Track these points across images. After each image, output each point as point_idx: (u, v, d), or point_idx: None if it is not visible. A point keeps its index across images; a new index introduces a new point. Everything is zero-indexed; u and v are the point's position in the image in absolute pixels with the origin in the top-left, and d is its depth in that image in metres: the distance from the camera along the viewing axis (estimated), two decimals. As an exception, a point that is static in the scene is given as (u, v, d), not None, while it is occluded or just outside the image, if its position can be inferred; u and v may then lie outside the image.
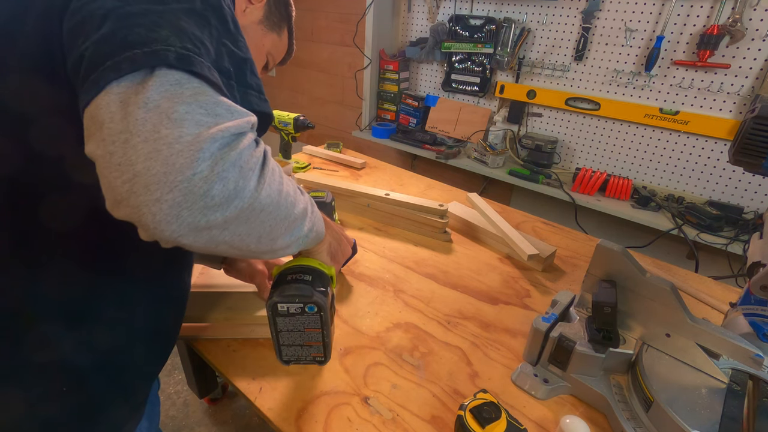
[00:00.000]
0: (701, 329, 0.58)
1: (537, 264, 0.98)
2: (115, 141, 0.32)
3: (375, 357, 0.71)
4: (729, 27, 1.33)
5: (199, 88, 0.35)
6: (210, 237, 0.36)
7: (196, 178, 0.32)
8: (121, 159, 0.32)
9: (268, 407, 0.61)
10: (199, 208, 0.33)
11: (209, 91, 0.36)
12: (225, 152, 0.34)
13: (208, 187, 0.33)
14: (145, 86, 0.33)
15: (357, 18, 2.19)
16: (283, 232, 0.43)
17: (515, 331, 0.79)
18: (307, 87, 2.74)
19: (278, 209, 0.41)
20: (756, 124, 0.58)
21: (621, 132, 1.70)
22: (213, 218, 0.34)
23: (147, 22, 0.35)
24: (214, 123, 0.34)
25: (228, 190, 0.34)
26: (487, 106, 2.04)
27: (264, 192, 0.38)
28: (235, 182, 0.35)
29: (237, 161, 0.35)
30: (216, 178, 0.33)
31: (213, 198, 0.34)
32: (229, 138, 0.35)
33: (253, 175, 0.37)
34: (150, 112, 0.32)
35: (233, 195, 0.35)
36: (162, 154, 0.32)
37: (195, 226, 0.34)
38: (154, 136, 0.32)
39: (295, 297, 0.51)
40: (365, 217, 1.16)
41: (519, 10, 1.79)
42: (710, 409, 0.55)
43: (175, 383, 1.62)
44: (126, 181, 0.32)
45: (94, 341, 0.47)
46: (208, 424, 1.48)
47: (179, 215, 0.33)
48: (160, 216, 0.32)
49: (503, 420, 0.54)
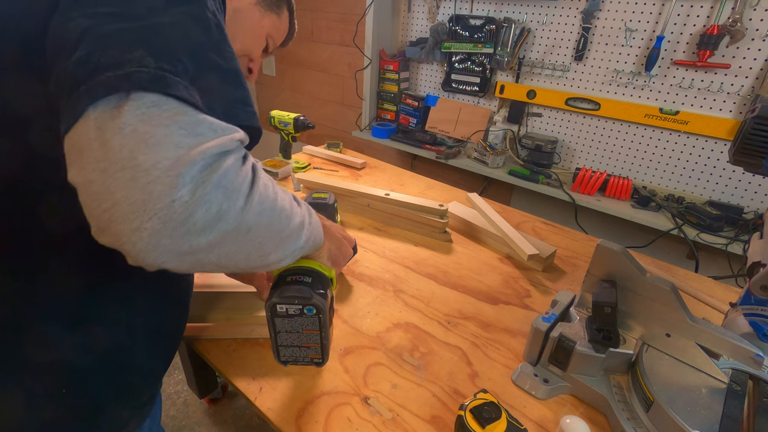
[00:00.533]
0: (701, 329, 0.58)
1: (537, 264, 0.98)
2: (94, 169, 0.31)
3: (375, 357, 0.71)
4: (729, 27, 1.33)
5: (177, 109, 0.34)
6: (195, 260, 0.35)
7: (176, 205, 0.32)
8: (100, 187, 0.31)
9: (268, 407, 0.61)
10: (180, 234, 0.33)
11: (189, 111, 0.34)
12: (207, 174, 0.33)
13: (189, 213, 0.32)
14: (120, 111, 0.32)
15: (357, 18, 2.19)
16: (275, 248, 0.43)
17: (515, 331, 0.79)
18: (307, 87, 2.74)
19: (269, 226, 0.40)
20: (756, 124, 0.58)
21: (621, 132, 1.70)
22: (196, 243, 0.34)
23: (121, 42, 0.34)
24: (196, 144, 0.33)
25: (211, 214, 0.33)
26: (487, 106, 2.04)
27: (253, 211, 0.37)
28: (219, 205, 0.34)
29: (221, 182, 0.34)
30: (198, 203, 0.32)
31: (195, 224, 0.33)
32: (211, 159, 0.34)
33: (239, 195, 0.36)
34: (126, 137, 0.31)
35: (217, 218, 0.34)
36: (140, 181, 0.31)
37: (178, 252, 0.33)
38: (131, 163, 0.31)
39: (294, 298, 0.51)
40: (365, 217, 1.16)
41: (519, 10, 1.79)
42: (710, 409, 0.55)
43: (175, 383, 1.62)
44: (106, 209, 0.31)
45: (95, 342, 0.47)
46: (208, 424, 1.48)
47: (159, 243, 0.32)
48: (141, 245, 0.32)
49: (503, 420, 0.54)
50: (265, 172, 0.43)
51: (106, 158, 0.31)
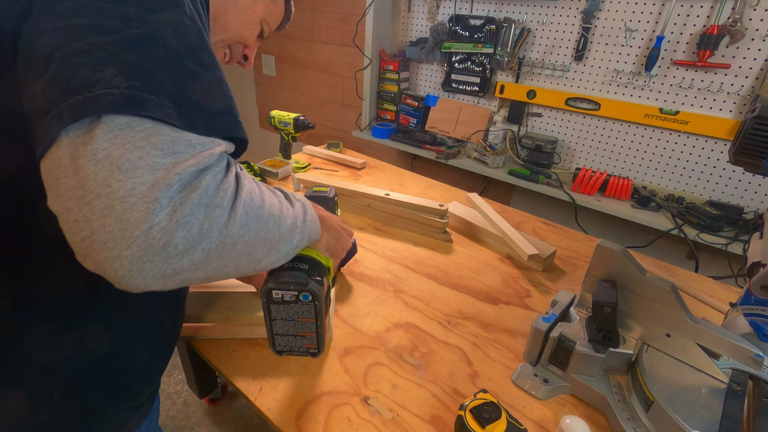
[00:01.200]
0: (701, 329, 0.58)
1: (537, 264, 0.98)
2: (70, 197, 0.31)
3: (375, 357, 0.71)
4: (729, 27, 1.33)
5: (152, 129, 0.33)
6: (181, 279, 0.35)
7: (154, 231, 0.31)
8: (78, 216, 0.31)
9: (268, 407, 0.61)
10: (162, 259, 0.32)
11: (164, 129, 0.33)
12: (185, 195, 0.32)
13: (168, 238, 0.32)
14: (92, 135, 0.31)
15: (357, 18, 2.19)
16: (266, 254, 0.42)
17: (515, 331, 0.79)
18: (307, 87, 2.73)
19: (257, 236, 0.40)
20: (756, 124, 0.58)
21: (621, 132, 1.70)
22: (179, 265, 0.33)
23: (91, 60, 0.33)
24: (173, 164, 0.32)
25: (192, 235, 0.33)
26: (487, 106, 2.04)
27: (237, 224, 0.36)
28: (200, 225, 0.33)
29: (201, 201, 0.33)
30: (177, 226, 0.32)
31: (176, 247, 0.32)
32: (190, 177, 0.33)
33: (221, 211, 0.35)
34: (100, 163, 0.31)
35: (199, 238, 0.33)
36: (115, 210, 0.30)
37: (161, 275, 0.33)
38: (106, 190, 0.30)
39: (290, 284, 0.50)
40: (365, 217, 1.16)
41: (519, 10, 1.79)
42: (710, 409, 0.55)
43: (175, 383, 1.62)
44: (85, 238, 0.31)
45: (91, 343, 0.47)
46: (208, 424, 1.48)
47: (142, 269, 0.32)
48: (123, 272, 0.32)
49: (503, 420, 0.54)
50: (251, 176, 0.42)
51: (81, 186, 0.31)
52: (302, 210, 0.49)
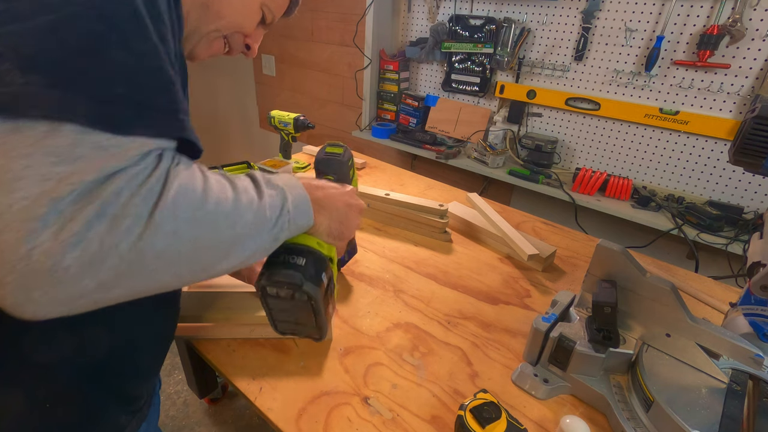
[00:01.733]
0: (701, 329, 0.58)
1: (537, 264, 0.98)
2: None
3: (375, 357, 0.71)
4: (729, 27, 1.33)
5: (47, 131, 0.28)
6: (93, 301, 0.30)
7: (35, 253, 0.26)
8: None
9: (268, 407, 0.61)
10: (51, 285, 0.27)
11: (64, 131, 0.28)
12: (79, 208, 0.28)
13: (54, 261, 0.27)
14: None
15: (357, 18, 2.19)
16: (222, 258, 0.37)
17: (515, 331, 0.79)
18: (307, 87, 2.73)
19: (195, 241, 0.34)
20: (756, 124, 0.58)
21: (621, 132, 1.70)
22: (81, 288, 0.28)
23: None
24: (70, 172, 0.27)
25: (90, 254, 0.28)
26: (487, 106, 2.04)
27: (161, 232, 0.31)
28: (101, 240, 0.28)
29: (103, 212, 0.28)
30: (65, 247, 0.27)
31: (67, 270, 0.27)
32: (90, 185, 0.28)
33: (133, 220, 0.30)
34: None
35: (101, 257, 0.28)
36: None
37: (59, 301, 0.28)
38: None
39: (283, 284, 0.46)
40: (365, 217, 1.16)
41: (519, 10, 1.79)
42: (710, 409, 0.55)
43: (175, 383, 1.62)
44: None
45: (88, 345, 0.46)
46: (208, 424, 1.48)
47: (30, 297, 0.27)
48: (10, 300, 0.27)
49: (503, 420, 0.54)
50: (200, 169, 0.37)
51: None
52: (281, 198, 0.43)
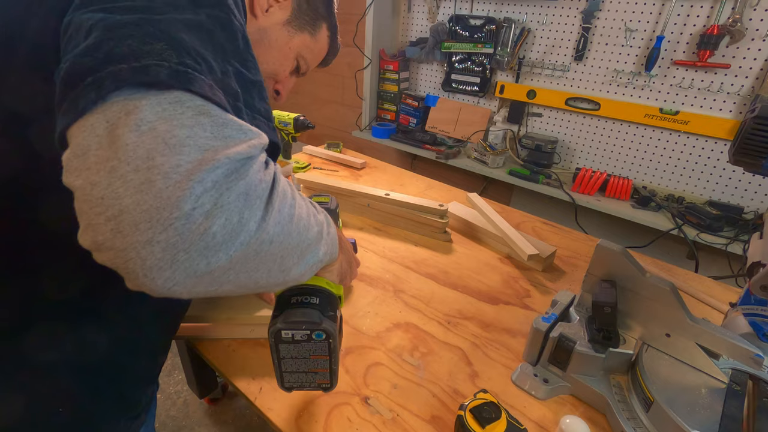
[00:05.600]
0: (701, 329, 0.58)
1: (537, 264, 0.98)
2: (99, 170, 0.27)
3: (375, 357, 0.71)
4: (729, 27, 1.33)
5: (203, 107, 0.30)
6: (211, 281, 0.31)
7: (195, 213, 0.28)
8: (105, 191, 0.27)
9: (268, 407, 0.61)
10: (198, 249, 0.28)
11: (215, 111, 0.31)
12: (232, 180, 0.30)
13: (210, 224, 0.28)
14: (137, 106, 0.28)
15: (357, 18, 2.19)
16: (297, 261, 0.38)
17: (515, 331, 0.79)
18: (307, 87, 2.73)
19: (289, 237, 0.36)
20: (756, 124, 0.58)
21: (621, 132, 1.70)
22: (215, 261, 0.29)
23: (140, 33, 0.30)
24: (223, 146, 0.30)
25: (231, 224, 0.29)
26: (487, 106, 2.04)
27: (273, 220, 0.33)
28: (240, 214, 0.30)
29: (245, 189, 0.30)
30: (219, 212, 0.29)
31: (214, 236, 0.29)
32: (238, 163, 0.30)
33: (260, 203, 0.32)
34: (143, 135, 0.27)
35: (238, 229, 0.30)
36: (156, 185, 0.27)
37: (193, 271, 0.29)
38: (147, 164, 0.27)
39: (301, 324, 0.45)
40: (365, 217, 1.16)
41: (519, 10, 1.79)
42: (710, 409, 0.55)
43: (175, 383, 1.62)
44: (110, 218, 0.27)
45: (91, 346, 0.46)
46: (208, 424, 1.48)
47: (175, 259, 0.28)
48: (152, 261, 0.27)
49: (503, 420, 0.54)
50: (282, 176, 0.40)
51: (116, 157, 0.27)
52: (326, 220, 0.46)
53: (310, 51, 0.64)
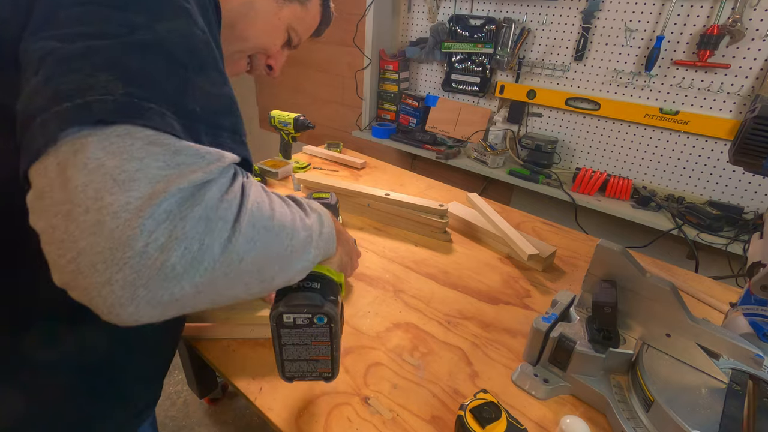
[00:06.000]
0: (701, 329, 0.58)
1: (537, 264, 0.98)
2: (57, 213, 0.28)
3: (375, 357, 0.71)
4: (729, 27, 1.33)
5: (153, 137, 0.30)
6: (181, 306, 0.31)
7: (150, 249, 0.27)
8: (64, 235, 0.27)
9: (268, 407, 0.61)
10: (157, 282, 0.28)
11: (166, 139, 0.30)
12: (187, 208, 0.29)
13: (166, 257, 0.28)
14: (84, 144, 0.28)
15: (357, 18, 2.19)
16: (279, 271, 0.39)
17: (515, 331, 0.79)
18: (307, 87, 2.73)
19: (266, 250, 0.35)
20: (756, 124, 0.58)
21: (621, 132, 1.70)
22: (178, 290, 0.30)
23: (85, 64, 0.30)
24: (176, 175, 0.29)
25: (191, 253, 0.29)
26: (487, 106, 2.04)
27: (243, 237, 0.33)
28: (200, 241, 0.30)
29: (204, 214, 0.30)
30: (175, 244, 0.28)
31: (174, 268, 0.29)
32: (192, 189, 0.30)
33: (224, 224, 0.31)
34: (91, 174, 0.27)
35: (200, 257, 0.30)
36: (106, 226, 0.27)
37: (157, 302, 0.29)
38: (96, 204, 0.27)
39: (303, 307, 0.46)
40: (365, 217, 1.16)
41: (519, 10, 1.79)
42: (710, 409, 0.55)
43: (175, 383, 1.62)
44: (71, 260, 0.27)
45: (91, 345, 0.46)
46: (208, 424, 1.48)
47: (135, 295, 0.28)
48: (113, 299, 0.28)
49: (503, 420, 0.54)
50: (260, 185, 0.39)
51: (69, 200, 0.27)
52: (318, 221, 0.46)
53: (302, 22, 0.63)
